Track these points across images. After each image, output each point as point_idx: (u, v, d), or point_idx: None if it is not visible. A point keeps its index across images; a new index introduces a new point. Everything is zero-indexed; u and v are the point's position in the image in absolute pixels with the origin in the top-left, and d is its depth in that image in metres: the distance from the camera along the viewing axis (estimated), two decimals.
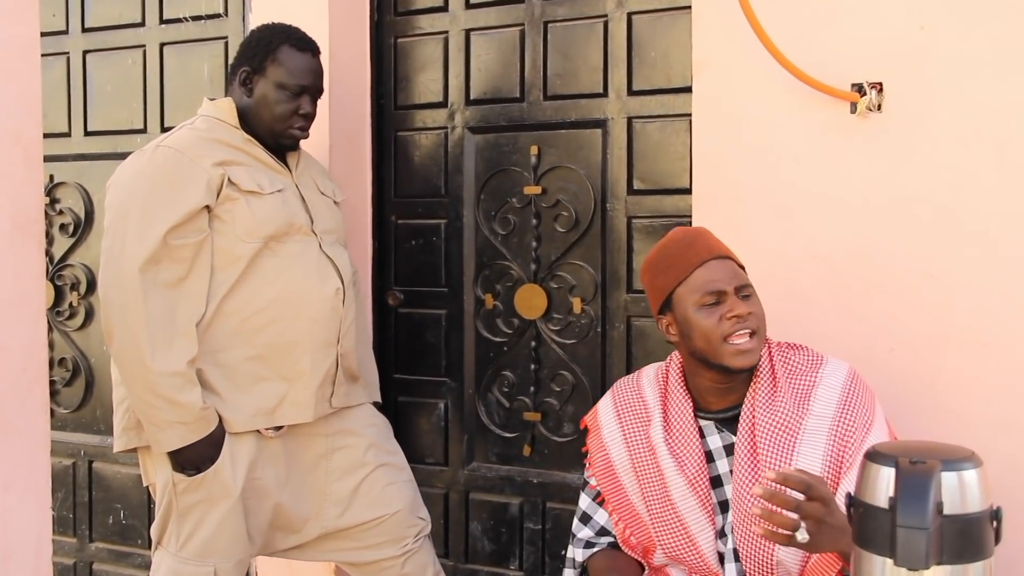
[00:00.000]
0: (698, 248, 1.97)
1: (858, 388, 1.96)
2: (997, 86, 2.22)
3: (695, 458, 1.97)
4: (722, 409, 2.00)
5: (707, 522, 1.96)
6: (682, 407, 2.02)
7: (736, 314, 1.90)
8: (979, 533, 1.42)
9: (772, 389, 1.96)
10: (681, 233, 2.04)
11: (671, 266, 1.98)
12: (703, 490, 1.96)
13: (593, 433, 2.15)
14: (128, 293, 2.29)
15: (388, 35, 3.17)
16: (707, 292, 1.93)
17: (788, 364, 2.01)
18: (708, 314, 1.92)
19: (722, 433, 2.00)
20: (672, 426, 2.02)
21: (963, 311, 2.27)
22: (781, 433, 1.91)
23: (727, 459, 1.98)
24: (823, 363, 2.00)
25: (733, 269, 1.97)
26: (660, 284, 2.00)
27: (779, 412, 1.93)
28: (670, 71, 2.76)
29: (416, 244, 3.16)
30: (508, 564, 3.07)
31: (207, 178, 2.37)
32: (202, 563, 2.41)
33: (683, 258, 1.97)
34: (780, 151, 2.44)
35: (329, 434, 2.59)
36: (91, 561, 3.60)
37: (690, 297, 1.94)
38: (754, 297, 1.97)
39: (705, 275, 1.94)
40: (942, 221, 2.29)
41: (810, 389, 1.95)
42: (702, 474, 1.97)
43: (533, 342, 2.99)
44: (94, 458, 3.55)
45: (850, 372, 1.99)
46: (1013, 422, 2.23)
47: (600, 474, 2.12)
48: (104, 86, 3.49)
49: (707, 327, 1.92)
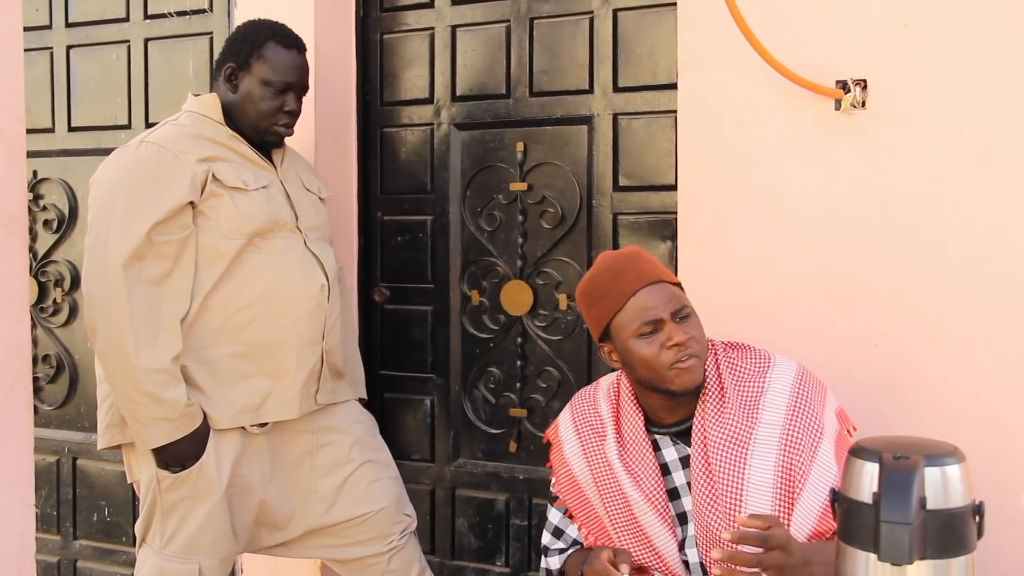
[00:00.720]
0: (629, 276, 1.93)
1: (806, 391, 1.95)
2: (980, 83, 2.23)
3: (650, 473, 1.96)
4: (674, 423, 1.99)
5: (668, 534, 1.96)
6: (634, 422, 2.00)
7: (676, 342, 1.88)
8: (962, 528, 1.43)
9: (720, 400, 1.94)
10: (610, 260, 2.00)
11: (604, 296, 1.95)
12: (661, 504, 1.96)
13: (555, 448, 2.14)
14: (112, 289, 2.28)
15: (374, 31, 3.16)
16: (644, 322, 1.90)
17: (735, 371, 1.99)
18: (647, 343, 1.90)
19: (677, 445, 1.99)
20: (626, 441, 2.01)
21: (946, 307, 2.28)
22: (732, 445, 1.89)
23: (683, 471, 1.98)
24: (770, 366, 1.98)
25: (668, 292, 1.93)
26: (595, 315, 1.98)
27: (729, 424, 1.91)
28: (656, 68, 2.76)
29: (402, 240, 3.15)
30: (494, 560, 3.07)
31: (191, 174, 2.36)
32: (187, 560, 2.40)
33: (615, 288, 1.94)
34: (765, 148, 2.45)
35: (314, 431, 2.58)
36: (75, 559, 3.58)
37: (627, 327, 1.92)
38: (692, 317, 1.94)
39: (640, 303, 1.91)
40: (926, 217, 2.29)
41: (758, 396, 1.94)
42: (658, 488, 1.96)
43: (519, 338, 2.99)
44: (78, 455, 3.54)
45: (797, 374, 1.97)
46: (995, 417, 2.24)
47: (565, 490, 2.12)
48: (88, 81, 3.48)
49: (647, 356, 1.90)
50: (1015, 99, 2.21)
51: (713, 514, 1.89)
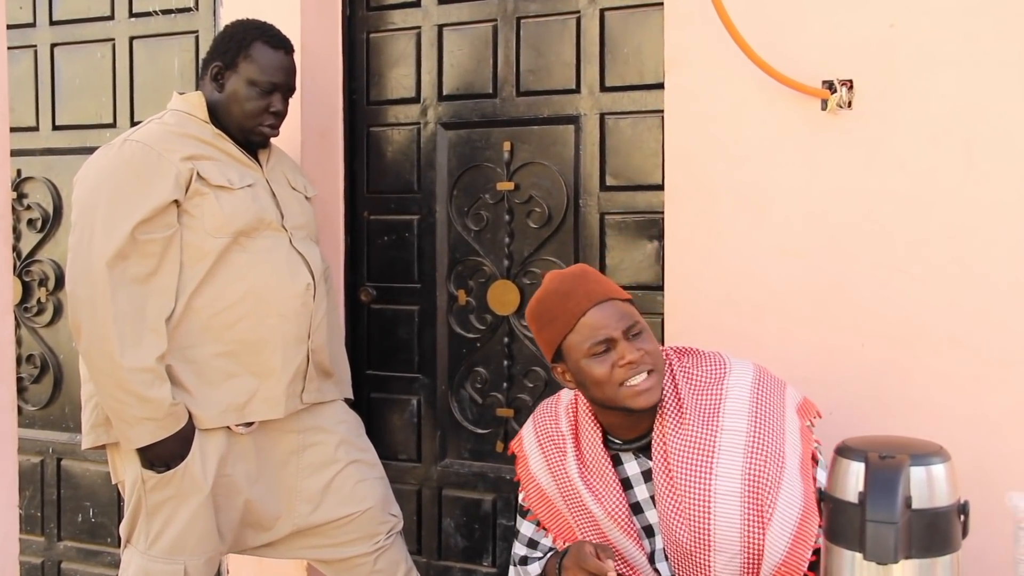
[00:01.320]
0: (577, 297, 1.92)
1: (765, 393, 1.93)
2: (966, 83, 2.24)
3: (611, 489, 1.95)
4: (634, 438, 1.97)
5: (636, 549, 1.95)
6: (592, 439, 1.99)
7: (628, 360, 1.86)
8: (947, 527, 1.44)
9: (679, 412, 1.92)
10: (558, 281, 1.98)
11: (554, 319, 1.94)
12: (624, 520, 1.95)
13: (521, 462, 2.12)
14: (96, 289, 2.27)
15: (360, 30, 3.15)
16: (595, 342, 1.88)
17: (692, 381, 1.97)
18: (600, 363, 1.88)
19: (639, 459, 1.98)
20: (585, 458, 1.99)
21: (932, 307, 2.29)
22: (695, 455, 1.87)
23: (646, 485, 1.97)
24: (727, 372, 1.96)
25: (618, 310, 1.91)
26: (546, 337, 1.96)
27: (690, 435, 1.89)
28: (642, 67, 2.76)
29: (388, 240, 3.15)
30: (481, 560, 3.07)
31: (176, 173, 2.35)
32: (172, 561, 2.39)
33: (564, 310, 1.92)
34: (752, 147, 2.45)
35: (300, 430, 2.58)
36: (59, 560, 3.57)
37: (579, 348, 1.90)
38: (645, 333, 1.92)
39: (590, 323, 1.89)
40: (911, 217, 2.30)
41: (718, 404, 1.91)
42: (620, 504, 1.95)
43: (506, 338, 2.99)
44: (62, 455, 3.52)
45: (755, 377, 1.95)
46: (981, 416, 2.25)
47: (535, 502, 2.10)
48: (72, 80, 3.46)
49: (600, 376, 1.88)
50: (1001, 99, 2.22)
51: (680, 526, 1.86)
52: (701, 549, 1.84)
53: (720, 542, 1.83)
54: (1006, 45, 2.21)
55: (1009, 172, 2.21)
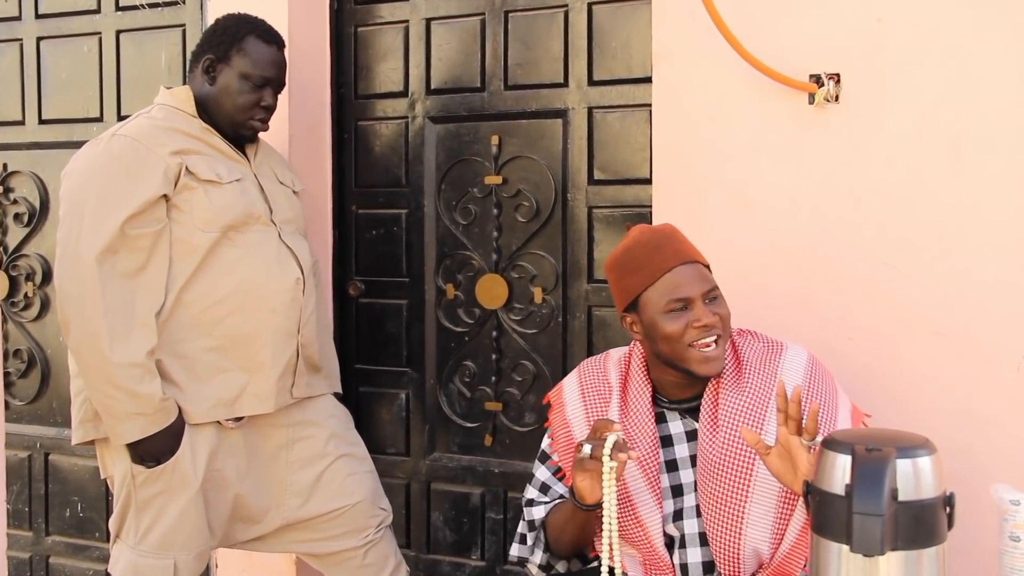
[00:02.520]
0: (667, 253, 1.96)
1: (821, 371, 2.00)
2: (952, 78, 2.25)
3: (648, 441, 1.99)
4: (684, 399, 2.02)
5: (654, 505, 1.97)
6: (641, 392, 2.03)
7: (704, 324, 1.91)
8: (933, 519, 1.45)
9: (738, 375, 1.98)
10: (649, 234, 2.02)
11: (639, 269, 1.97)
12: (652, 473, 1.97)
13: (556, 410, 2.15)
14: (85, 283, 2.27)
15: (348, 24, 3.15)
16: (675, 299, 1.92)
17: (753, 351, 2.03)
18: (674, 320, 1.92)
19: (684, 419, 2.02)
20: (629, 409, 2.03)
21: (919, 301, 2.30)
22: (748, 416, 1.92)
23: (687, 444, 2.00)
24: (783, 350, 2.03)
25: (700, 273, 1.96)
26: (626, 285, 2.00)
27: (745, 396, 1.95)
28: (630, 61, 2.77)
29: (377, 234, 3.15)
30: (470, 554, 3.07)
31: (164, 167, 2.34)
32: (162, 556, 2.39)
33: (651, 262, 1.96)
34: (739, 141, 2.46)
35: (290, 425, 2.58)
36: (47, 555, 3.56)
37: (658, 302, 1.94)
38: (720, 299, 1.97)
39: (673, 281, 1.93)
40: (898, 211, 2.31)
41: (775, 373, 1.97)
42: (653, 457, 1.98)
43: (494, 332, 2.99)
44: (50, 450, 3.51)
45: (810, 358, 2.02)
46: (966, 409, 2.26)
47: (563, 451, 2.11)
48: (59, 73, 3.44)
49: (673, 333, 1.92)
50: (987, 94, 2.23)
51: (719, 480, 1.90)
52: (738, 499, 1.89)
53: (758, 494, 1.88)
54: (992, 40, 2.22)
55: (995, 167, 2.23)
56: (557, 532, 2.05)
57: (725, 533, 1.90)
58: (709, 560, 1.96)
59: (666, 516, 1.98)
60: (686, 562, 1.97)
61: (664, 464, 2.00)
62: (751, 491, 1.88)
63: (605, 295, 2.83)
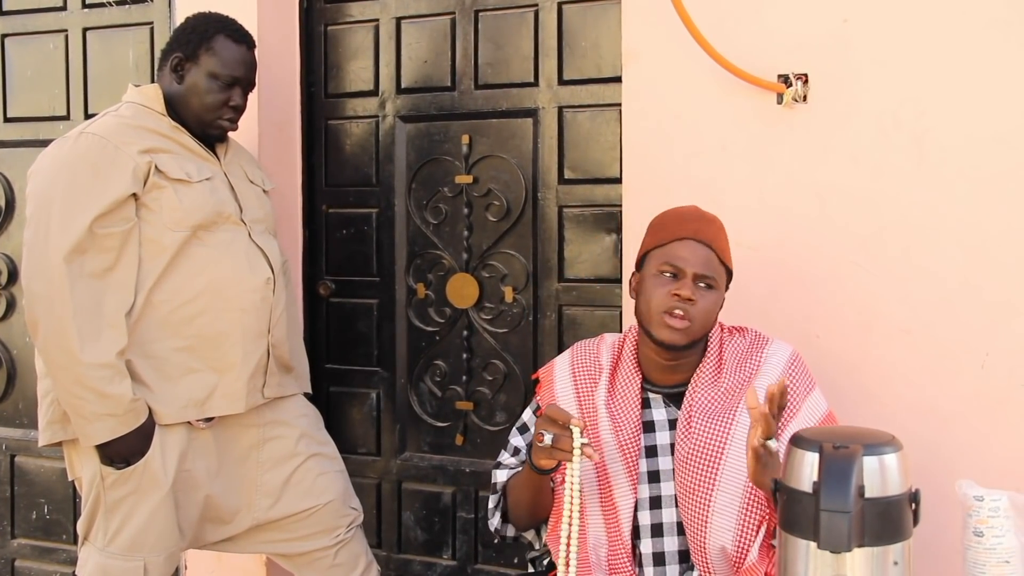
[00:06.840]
0: (688, 226, 2.01)
1: (800, 368, 2.03)
2: (917, 78, 2.28)
3: (631, 425, 2.01)
4: (670, 385, 2.04)
5: (629, 488, 1.99)
6: (630, 376, 2.06)
7: (681, 295, 1.94)
8: (899, 515, 1.47)
9: (717, 370, 2.02)
10: (689, 209, 2.08)
11: (661, 229, 2.03)
12: (631, 457, 1.99)
13: (545, 387, 2.17)
14: (53, 284, 2.25)
15: (318, 22, 3.14)
16: (670, 264, 1.97)
17: (736, 348, 2.07)
18: (660, 283, 1.97)
19: (668, 408, 2.04)
20: (616, 391, 2.06)
21: (885, 299, 2.33)
22: (720, 405, 1.96)
23: (669, 432, 2.02)
24: (767, 343, 2.07)
25: (707, 259, 1.99)
26: (645, 242, 2.06)
27: (718, 391, 1.99)
28: (600, 61, 2.78)
29: (347, 233, 3.14)
30: (441, 553, 3.07)
31: (133, 166, 2.33)
32: (131, 558, 2.37)
33: (670, 227, 2.02)
34: (708, 141, 2.47)
35: (260, 425, 2.57)
36: (13, 558, 3.52)
37: (655, 262, 2.00)
38: (713, 294, 1.99)
39: (677, 250, 1.98)
40: (865, 210, 2.34)
41: (755, 367, 2.02)
42: (634, 441, 2.00)
43: (465, 331, 3.00)
44: (16, 452, 3.47)
45: (793, 353, 2.05)
46: (932, 406, 2.29)
47: None
48: (24, 71, 3.41)
49: (652, 295, 1.97)
50: (951, 95, 2.25)
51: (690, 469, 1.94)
52: (706, 488, 1.92)
53: (725, 483, 1.91)
54: (957, 41, 2.24)
55: (959, 166, 2.25)
56: (515, 497, 2.09)
57: (695, 521, 1.93)
58: (685, 549, 1.98)
59: (641, 501, 2.00)
60: (663, 551, 1.99)
61: (644, 449, 2.02)
62: (718, 480, 1.91)
63: (576, 294, 2.84)
